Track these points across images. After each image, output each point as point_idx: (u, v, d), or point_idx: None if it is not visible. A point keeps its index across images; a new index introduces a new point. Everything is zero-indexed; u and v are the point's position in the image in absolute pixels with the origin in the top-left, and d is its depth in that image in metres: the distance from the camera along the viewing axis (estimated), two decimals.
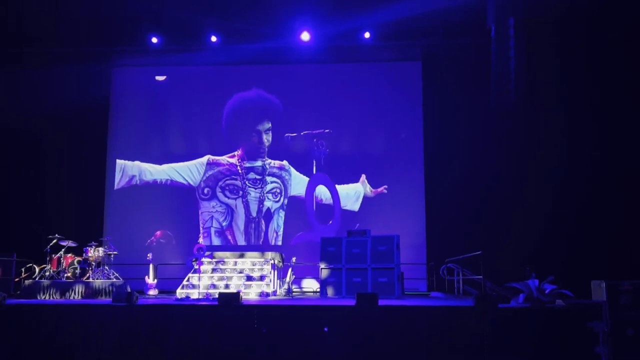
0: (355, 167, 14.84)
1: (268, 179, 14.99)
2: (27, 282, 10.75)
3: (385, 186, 14.68)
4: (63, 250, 11.25)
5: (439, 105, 14.42)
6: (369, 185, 14.71)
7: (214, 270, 11.51)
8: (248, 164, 15.07)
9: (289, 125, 15.09)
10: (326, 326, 7.87)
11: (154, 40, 14.43)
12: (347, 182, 14.83)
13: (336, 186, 14.86)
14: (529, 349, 7.62)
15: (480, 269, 10.17)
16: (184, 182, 15.03)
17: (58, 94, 14.41)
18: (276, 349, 7.83)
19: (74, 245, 11.56)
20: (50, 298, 10.42)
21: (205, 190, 14.97)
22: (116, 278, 11.21)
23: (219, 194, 14.96)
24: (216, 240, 14.79)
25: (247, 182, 14.93)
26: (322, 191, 14.91)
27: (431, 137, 14.58)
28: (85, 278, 10.90)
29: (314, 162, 14.94)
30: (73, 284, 10.60)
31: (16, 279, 11.98)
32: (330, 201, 14.84)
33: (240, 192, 14.94)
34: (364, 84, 14.98)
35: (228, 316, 8.07)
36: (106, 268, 11.35)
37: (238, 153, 15.12)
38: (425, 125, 14.70)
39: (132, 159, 15.12)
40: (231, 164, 15.07)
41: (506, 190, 13.70)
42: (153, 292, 11.85)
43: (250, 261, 11.78)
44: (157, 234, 14.79)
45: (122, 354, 7.99)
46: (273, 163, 15.04)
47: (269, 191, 14.94)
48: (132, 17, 13.84)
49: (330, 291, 11.23)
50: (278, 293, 11.57)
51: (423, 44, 14.51)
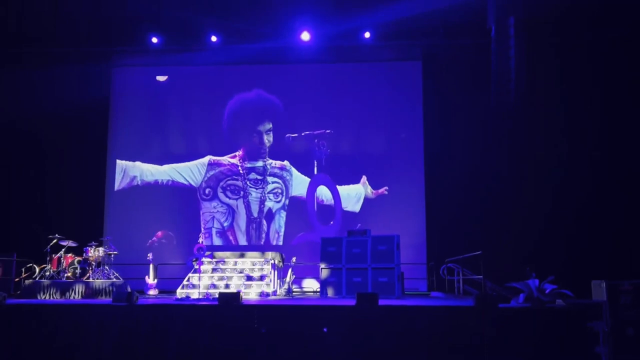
0: (356, 167, 14.84)
1: (269, 179, 14.99)
2: (27, 282, 10.75)
3: (386, 187, 14.68)
4: (63, 250, 11.26)
5: (439, 105, 14.42)
6: (369, 187, 14.71)
7: (214, 270, 11.51)
8: (249, 164, 15.06)
9: (289, 125, 15.09)
10: (326, 326, 7.86)
11: (154, 40, 14.43)
12: (348, 183, 14.84)
13: (337, 187, 14.87)
14: (529, 349, 7.62)
15: (481, 268, 10.17)
16: (185, 183, 15.03)
17: (58, 94, 14.42)
18: (276, 349, 7.83)
19: (74, 245, 11.57)
20: (51, 298, 10.42)
21: (207, 191, 14.97)
22: (116, 278, 11.21)
23: (220, 195, 14.95)
24: (217, 240, 14.78)
25: (249, 183, 14.93)
26: (323, 192, 14.90)
27: (431, 137, 14.58)
28: (85, 278, 10.90)
29: (315, 163, 14.94)
30: (73, 283, 10.60)
31: (16, 279, 11.98)
32: (331, 202, 14.83)
33: (242, 193, 14.94)
34: (364, 84, 14.99)
35: (228, 316, 8.07)
36: (106, 268, 11.34)
37: (239, 153, 15.11)
38: (425, 125, 14.71)
39: (133, 159, 15.11)
40: (232, 164, 15.06)
41: (506, 190, 13.68)
42: (153, 292, 11.85)
43: (250, 261, 11.77)
44: (159, 235, 14.79)
45: (122, 354, 7.99)
46: (274, 163, 15.03)
47: (270, 191, 14.93)
48: (132, 17, 13.84)
49: (330, 291, 11.22)
50: (278, 293, 11.57)
51: (423, 44, 14.51)
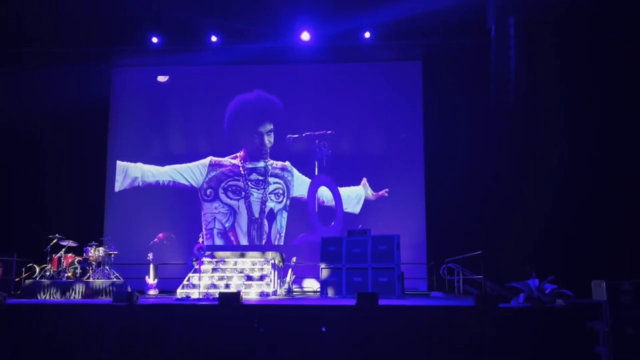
0: (356, 168, 14.83)
1: (270, 179, 14.98)
2: (28, 282, 10.76)
3: (387, 189, 14.67)
4: (63, 250, 11.25)
5: (439, 105, 14.41)
6: (370, 189, 14.70)
7: (214, 270, 11.51)
8: (250, 165, 15.06)
9: (290, 125, 15.08)
10: (326, 326, 7.86)
11: (154, 40, 14.41)
12: (348, 183, 14.82)
13: (340, 188, 14.84)
14: (530, 349, 7.61)
15: (481, 268, 10.17)
16: (187, 184, 15.02)
17: (58, 94, 14.40)
18: (276, 349, 7.83)
19: (74, 245, 11.57)
20: (51, 298, 10.42)
21: (208, 192, 14.96)
22: (116, 278, 11.20)
23: (222, 195, 14.94)
24: (219, 241, 14.77)
25: (250, 183, 14.92)
26: (324, 193, 14.89)
27: (431, 137, 14.58)
28: (85, 278, 10.90)
29: (316, 164, 14.93)
30: (73, 283, 10.60)
31: (17, 279, 11.98)
32: (332, 203, 14.82)
33: (243, 193, 14.92)
34: (364, 84, 14.98)
35: (228, 316, 8.07)
36: (107, 268, 11.34)
37: (240, 154, 15.10)
38: (425, 125, 14.70)
39: (133, 160, 15.09)
40: (233, 165, 15.05)
41: (506, 190, 13.69)
42: (153, 292, 11.86)
43: (250, 261, 11.77)
44: (160, 236, 14.77)
45: (122, 353, 7.99)
46: (275, 164, 15.02)
47: (272, 192, 14.92)
48: (132, 17, 13.83)
49: (330, 291, 11.22)
50: (278, 293, 11.57)
51: (423, 44, 14.50)
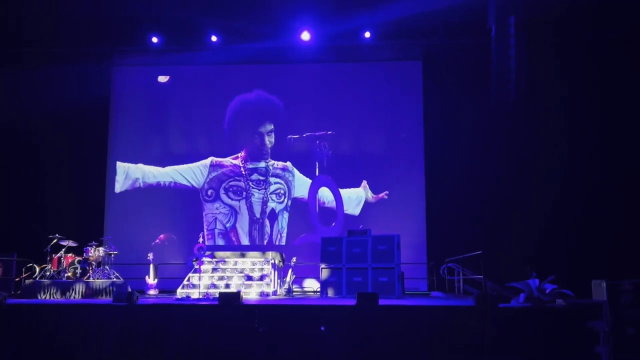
0: (356, 168, 14.81)
1: (271, 179, 14.97)
2: (28, 282, 10.76)
3: (387, 192, 14.64)
4: (63, 250, 11.25)
5: (440, 105, 14.40)
6: (370, 192, 14.68)
7: (214, 270, 11.50)
8: (251, 165, 15.05)
9: (290, 125, 15.06)
10: (326, 326, 7.85)
11: (154, 40, 14.38)
12: (349, 185, 14.79)
13: (340, 189, 14.81)
14: (530, 349, 7.62)
15: (481, 268, 10.17)
16: (188, 184, 15.00)
17: (58, 94, 14.39)
18: (276, 349, 7.83)
19: (74, 245, 11.56)
20: (51, 297, 10.42)
21: (209, 192, 14.95)
22: (117, 278, 11.20)
23: (223, 196, 14.93)
24: (220, 241, 14.76)
25: (251, 184, 14.91)
26: (325, 194, 14.88)
27: (431, 137, 14.56)
28: (85, 278, 10.90)
29: (317, 164, 14.93)
30: (73, 283, 10.60)
31: (17, 279, 11.97)
32: (332, 203, 14.81)
33: (244, 194, 14.91)
34: (364, 84, 14.97)
35: (228, 316, 8.06)
36: (107, 268, 11.34)
37: (241, 154, 15.09)
38: (425, 125, 14.68)
39: (134, 160, 15.07)
40: (234, 165, 15.04)
41: (506, 190, 13.70)
42: (153, 292, 11.86)
43: (250, 261, 11.76)
44: (161, 237, 14.76)
45: (122, 353, 7.99)
46: (276, 164, 15.01)
47: (273, 192, 14.91)
48: (132, 17, 13.81)
49: (330, 291, 11.22)
50: (278, 293, 11.56)
51: (423, 44, 14.47)
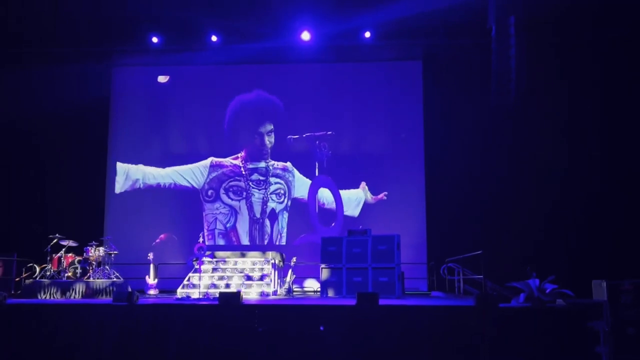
0: (356, 168, 14.80)
1: (272, 180, 14.96)
2: (28, 282, 10.77)
3: (386, 192, 14.63)
4: (63, 250, 11.25)
5: (440, 105, 14.39)
6: (369, 193, 14.67)
7: (214, 270, 11.50)
8: (252, 165, 15.04)
9: (290, 125, 15.06)
10: (326, 326, 7.84)
11: (154, 40, 14.36)
12: (348, 185, 14.77)
13: (340, 189, 14.80)
14: (530, 349, 7.61)
15: (481, 268, 10.16)
16: (188, 185, 15.00)
17: (58, 94, 14.38)
18: (276, 349, 7.83)
19: (74, 244, 11.56)
20: (51, 297, 10.42)
21: (209, 192, 14.94)
22: (117, 278, 11.20)
23: (223, 196, 14.92)
24: (220, 241, 14.74)
25: (251, 183, 14.90)
26: (325, 194, 14.87)
27: (432, 137, 14.56)
28: (85, 277, 10.90)
29: (317, 164, 14.92)
30: (74, 283, 10.60)
31: (17, 279, 11.97)
32: (332, 204, 14.79)
33: (244, 194, 14.90)
34: (364, 84, 14.96)
35: (228, 316, 8.06)
36: (107, 268, 11.34)
37: (241, 154, 15.09)
38: (425, 125, 14.68)
39: (134, 161, 15.06)
40: (235, 166, 15.03)
41: (506, 190, 13.71)
42: (153, 292, 11.86)
43: (250, 261, 11.76)
44: (162, 237, 14.76)
45: (122, 353, 7.98)
46: (276, 164, 15.00)
47: (273, 192, 14.91)
48: (132, 17, 13.80)
49: (330, 291, 11.22)
50: (278, 293, 11.56)
51: (423, 44, 14.45)
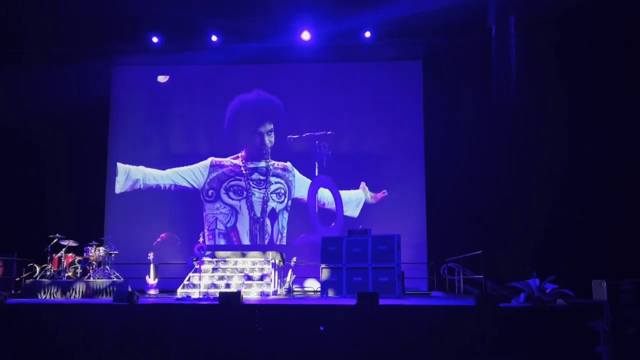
0: (356, 168, 14.80)
1: (272, 179, 14.96)
2: (28, 282, 10.77)
3: (384, 191, 14.63)
4: (64, 249, 11.25)
5: (440, 105, 14.39)
6: (369, 192, 14.66)
7: (214, 270, 11.50)
8: (252, 165, 15.04)
9: (290, 125, 15.06)
10: (327, 326, 7.84)
11: (155, 39, 14.36)
12: (348, 184, 14.76)
13: (340, 189, 14.79)
14: (530, 349, 7.61)
15: (481, 268, 10.16)
16: (188, 186, 15.00)
17: (58, 94, 14.37)
18: (276, 349, 7.82)
19: (74, 244, 11.57)
20: (51, 297, 10.42)
21: (210, 192, 14.94)
22: (117, 277, 11.20)
23: (223, 196, 14.92)
24: (221, 241, 14.73)
25: (252, 183, 14.90)
26: (325, 194, 14.87)
27: (432, 137, 14.55)
28: (86, 277, 10.90)
29: (316, 164, 14.92)
30: (74, 283, 10.60)
31: (17, 279, 11.97)
32: (332, 204, 14.79)
33: (245, 193, 14.89)
34: (364, 83, 14.95)
35: (228, 316, 8.06)
36: (107, 267, 11.34)
37: (242, 154, 15.09)
38: (426, 125, 14.67)
39: (134, 161, 15.03)
40: (235, 165, 15.03)
41: (506, 190, 13.71)
42: (154, 292, 11.86)
43: (250, 261, 11.76)
44: (163, 236, 14.75)
45: (122, 353, 7.98)
46: (277, 164, 15.00)
47: (273, 192, 14.90)
48: (132, 17, 13.80)
49: (331, 291, 11.22)
50: (279, 293, 11.57)
51: (424, 43, 14.45)
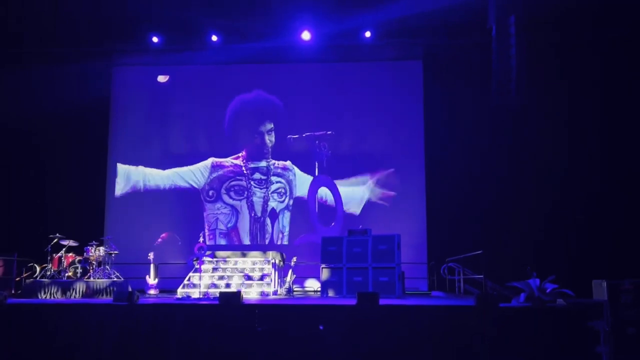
0: (357, 167, 14.80)
1: (273, 179, 14.96)
2: (28, 281, 10.77)
3: (394, 193, 14.62)
4: (64, 249, 11.25)
5: (440, 105, 14.39)
6: (377, 189, 14.63)
7: (214, 270, 11.50)
8: (253, 165, 15.04)
9: (291, 125, 15.06)
10: (327, 326, 7.84)
11: (155, 39, 14.37)
12: (352, 183, 14.76)
13: (341, 188, 14.80)
14: (530, 349, 7.62)
15: (481, 268, 10.17)
16: (189, 186, 15.00)
17: (58, 94, 14.37)
18: (276, 349, 7.82)
19: (75, 244, 11.56)
20: (51, 297, 10.42)
21: (210, 193, 14.93)
22: (117, 277, 11.20)
23: (224, 196, 14.92)
24: (222, 241, 14.73)
25: (253, 182, 14.90)
26: (325, 193, 14.88)
27: (432, 137, 14.55)
28: (86, 277, 10.90)
29: (316, 164, 14.92)
30: (74, 283, 10.60)
31: (17, 279, 11.97)
32: (332, 204, 14.80)
33: (246, 193, 14.89)
34: (364, 83, 14.95)
35: (228, 315, 8.06)
36: (107, 267, 11.34)
37: (242, 154, 15.08)
38: (426, 125, 14.68)
39: (133, 160, 15.04)
40: (236, 165, 15.02)
41: (506, 190, 13.71)
42: (154, 292, 11.85)
43: (251, 261, 11.76)
44: (163, 236, 14.75)
45: (122, 353, 7.98)
46: (277, 164, 15.00)
47: (274, 191, 14.90)
48: (132, 17, 13.80)
49: (331, 291, 11.21)
50: (279, 293, 11.57)
51: (424, 43, 14.46)
